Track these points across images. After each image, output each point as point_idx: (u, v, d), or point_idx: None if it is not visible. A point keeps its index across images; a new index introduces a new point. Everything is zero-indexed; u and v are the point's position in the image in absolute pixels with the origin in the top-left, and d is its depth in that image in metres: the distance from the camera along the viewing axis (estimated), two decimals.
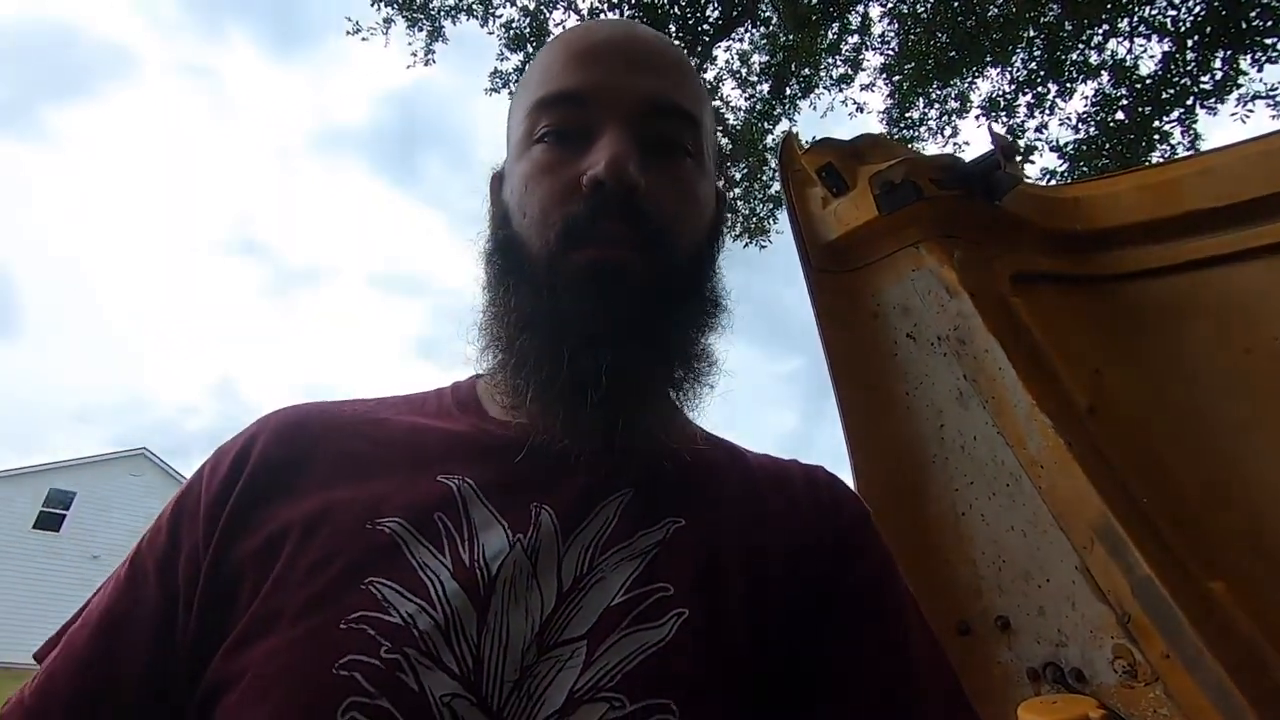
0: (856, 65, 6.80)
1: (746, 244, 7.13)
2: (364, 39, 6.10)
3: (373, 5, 5.98)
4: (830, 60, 6.75)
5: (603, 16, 5.63)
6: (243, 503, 0.42)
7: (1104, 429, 0.76)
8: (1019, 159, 6.11)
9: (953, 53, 6.03)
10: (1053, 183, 4.80)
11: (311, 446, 0.45)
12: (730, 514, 0.45)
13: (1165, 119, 5.41)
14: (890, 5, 6.45)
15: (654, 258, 0.43)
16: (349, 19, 6.06)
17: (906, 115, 6.65)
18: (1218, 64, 5.06)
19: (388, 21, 6.12)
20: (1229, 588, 0.62)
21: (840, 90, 6.95)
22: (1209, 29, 4.90)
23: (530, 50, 6.14)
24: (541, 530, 0.40)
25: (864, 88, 6.87)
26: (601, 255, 0.42)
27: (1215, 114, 5.25)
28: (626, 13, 5.86)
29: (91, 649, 0.42)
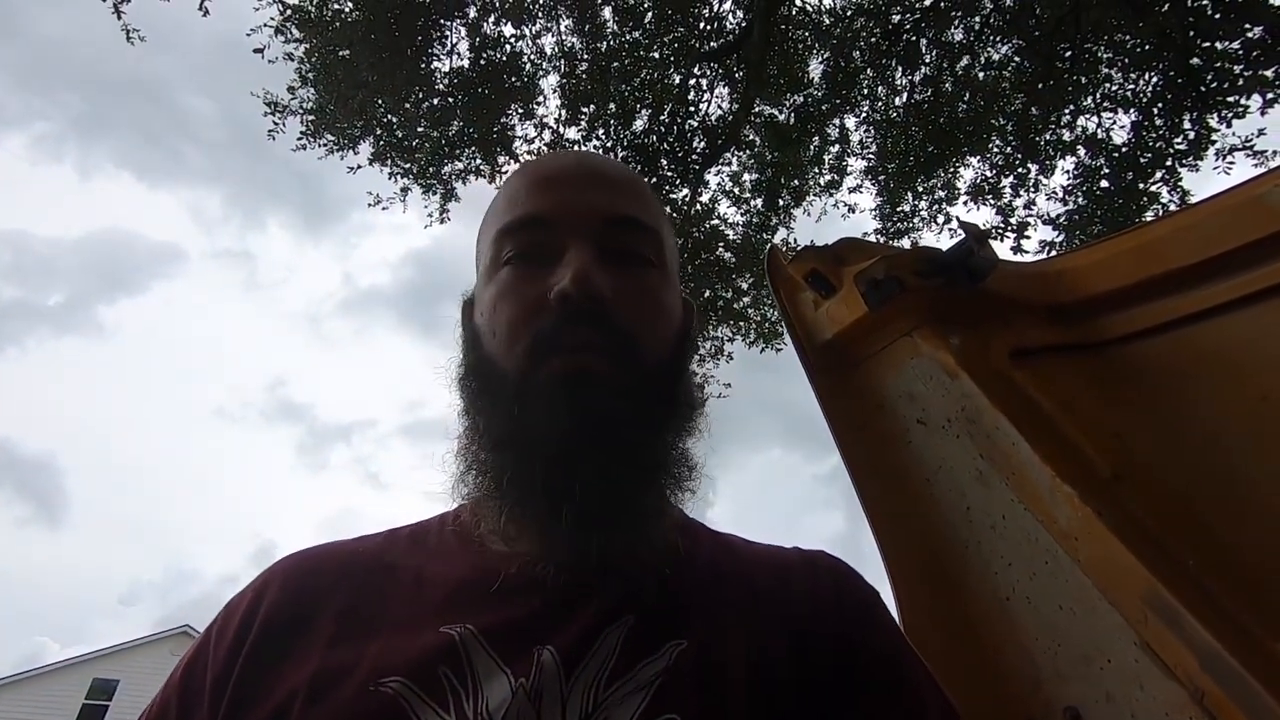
0: (842, 171, 7.19)
1: (763, 349, 7.23)
2: (384, 208, 6.62)
3: (390, 178, 6.54)
4: (816, 170, 7.14)
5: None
6: (249, 671, 0.42)
7: (1134, 493, 0.74)
8: (1017, 236, 6.23)
9: (931, 148, 6.36)
10: (1052, 254, 4.87)
11: (318, 601, 0.46)
12: (734, 622, 0.44)
13: (1150, 181, 5.56)
14: (864, 114, 6.89)
15: (623, 364, 0.44)
16: (370, 193, 6.61)
17: (898, 210, 6.93)
18: (1187, 125, 5.27)
19: (405, 190, 6.67)
20: None
21: (830, 195, 7.30)
22: (1170, 96, 5.15)
23: None
24: (544, 672, 0.39)
25: (852, 190, 7.21)
26: (570, 363, 0.44)
27: (1198, 170, 5.40)
28: (620, 154, 6.32)
29: None
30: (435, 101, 6.50)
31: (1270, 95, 5.04)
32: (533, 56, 6.74)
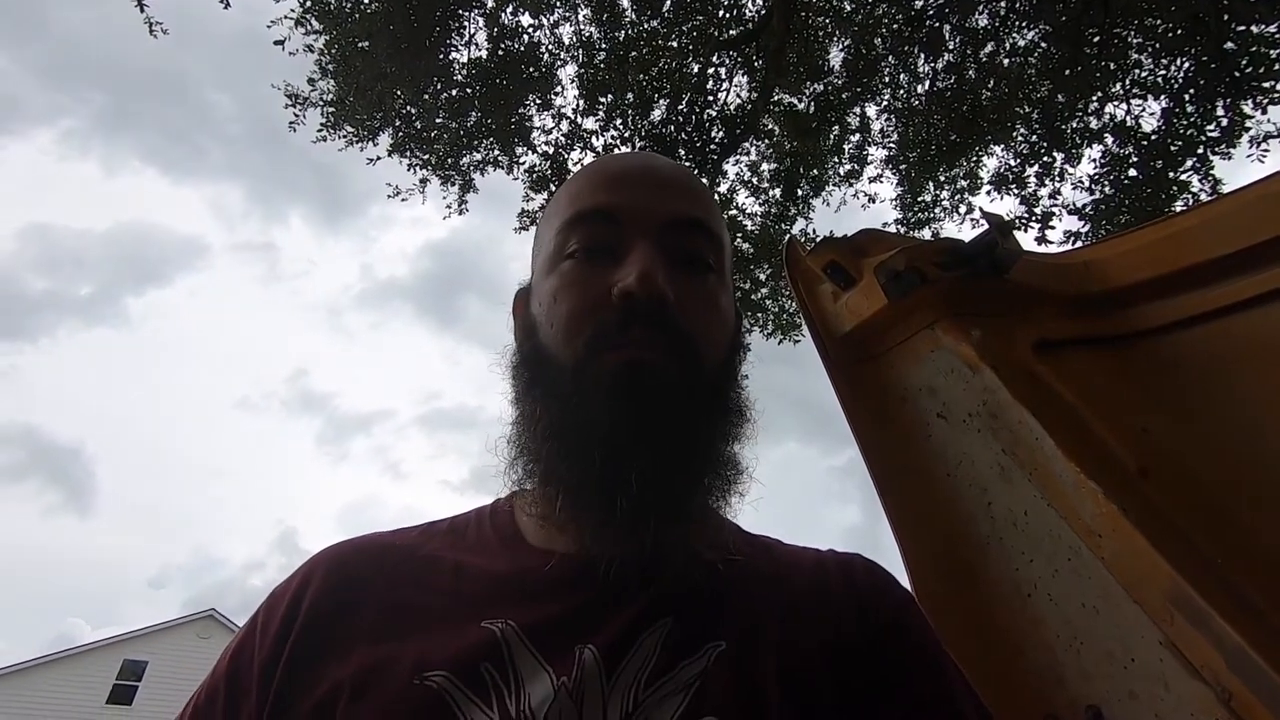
0: (862, 161, 7.10)
1: (781, 340, 7.19)
2: (403, 200, 6.66)
3: (409, 170, 6.58)
4: (835, 159, 7.06)
5: (617, 150, 6.06)
6: (295, 661, 0.43)
7: (1161, 490, 0.73)
8: (1042, 226, 6.12)
9: (953, 137, 6.26)
10: (1077, 244, 4.78)
11: (361, 592, 0.46)
12: (771, 626, 0.44)
13: (1180, 170, 5.42)
14: (885, 103, 6.80)
15: (684, 364, 0.44)
16: (389, 184, 6.66)
17: (919, 200, 6.83)
18: (1220, 112, 5.13)
19: (424, 182, 6.71)
20: None
21: (850, 185, 7.22)
22: (1202, 82, 5.01)
23: (552, 189, 6.60)
24: (585, 671, 0.40)
25: (872, 180, 7.12)
26: (634, 356, 0.44)
27: (1230, 159, 5.26)
28: (638, 144, 6.30)
29: None
30: (453, 92, 6.51)
31: None
32: (550, 46, 6.72)
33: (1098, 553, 0.67)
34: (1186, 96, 5.38)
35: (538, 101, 6.85)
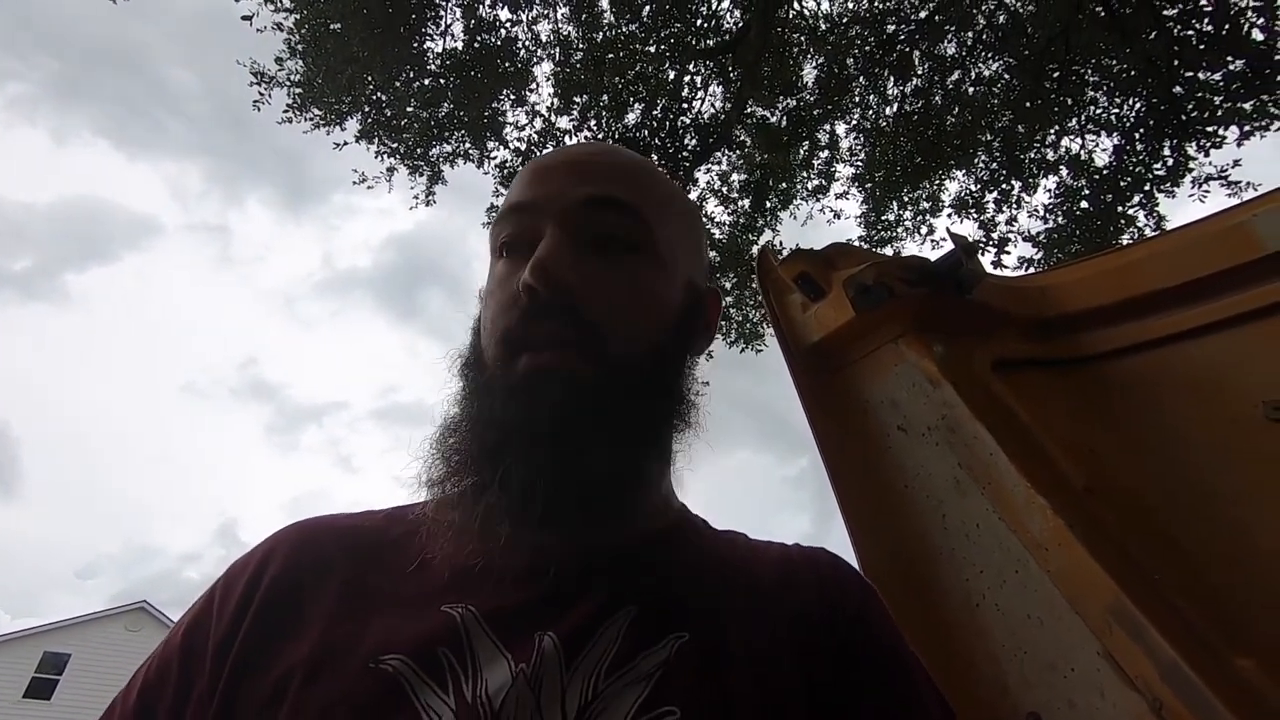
0: (830, 177, 7.24)
1: (743, 349, 7.27)
2: (369, 187, 6.53)
3: (376, 157, 6.45)
4: (804, 174, 7.18)
5: None
6: (252, 639, 0.42)
7: (1105, 507, 0.76)
8: (998, 250, 6.34)
9: (918, 159, 6.43)
10: (1030, 270, 4.96)
11: (323, 571, 0.45)
12: (736, 617, 0.45)
13: (1128, 205, 5.68)
14: (854, 122, 6.95)
15: (593, 355, 0.43)
16: (355, 170, 6.51)
17: (882, 219, 7.00)
18: (1167, 152, 5.39)
19: (391, 170, 6.58)
20: (1258, 664, 0.61)
21: (817, 200, 7.35)
22: (1151, 122, 5.26)
23: None
24: (544, 659, 0.39)
25: (839, 196, 7.26)
26: (535, 362, 0.43)
27: (1174, 197, 5.53)
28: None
29: None
30: (426, 82, 6.41)
31: (1247, 128, 5.17)
32: (528, 42, 6.68)
33: (1044, 566, 0.69)
34: (1137, 135, 5.65)
35: (512, 97, 6.79)
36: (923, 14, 6.21)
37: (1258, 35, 4.94)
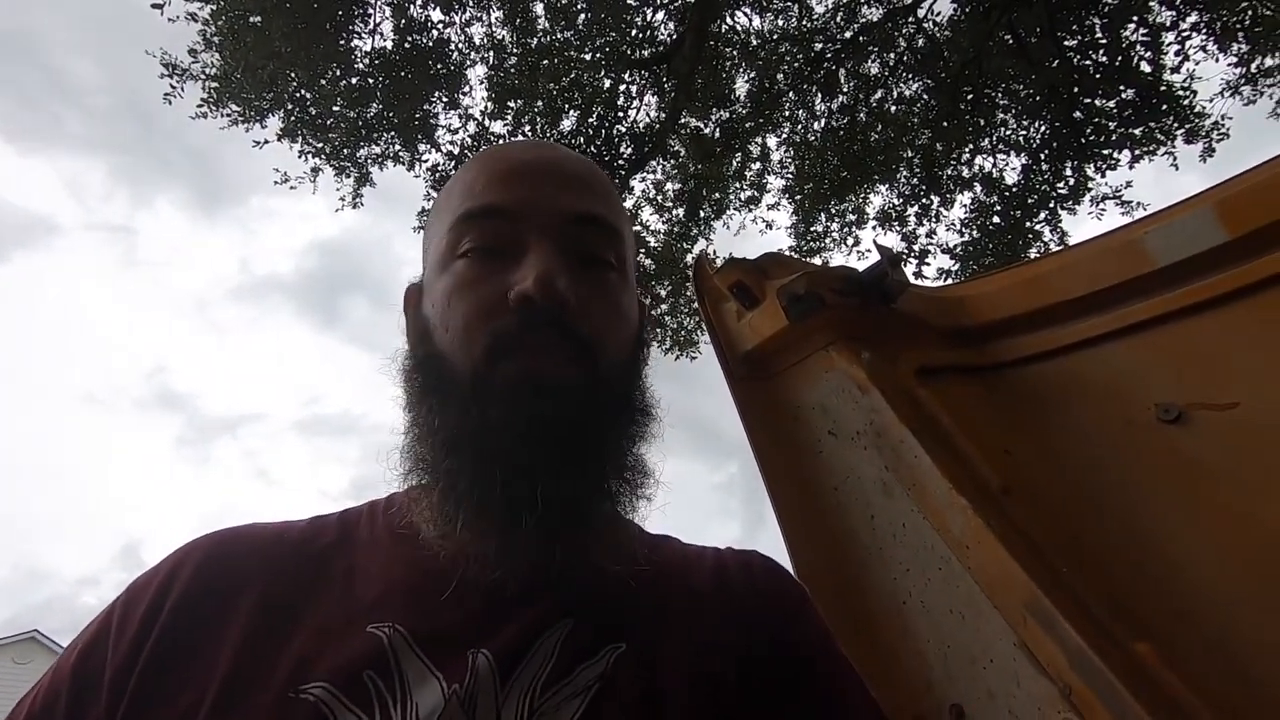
0: (761, 188, 7.42)
1: (677, 356, 7.34)
2: (292, 188, 6.26)
3: (300, 157, 6.19)
4: (737, 185, 7.34)
5: None
6: (153, 667, 0.38)
7: (1020, 507, 0.80)
8: (919, 262, 6.65)
9: (844, 173, 6.68)
10: (948, 281, 5.22)
11: (236, 587, 0.42)
12: (673, 626, 0.45)
13: (1034, 220, 6.07)
14: (785, 135, 7.16)
15: (584, 369, 0.43)
16: (276, 169, 6.23)
17: (812, 229, 7.22)
18: (1069, 172, 5.80)
19: (316, 171, 6.33)
20: (1154, 649, 0.65)
21: (749, 210, 7.52)
22: (1055, 144, 5.65)
23: None
24: (478, 677, 0.38)
25: (770, 207, 7.46)
26: (533, 366, 0.42)
27: (1075, 214, 5.95)
28: None
29: None
30: (354, 81, 6.21)
31: (1138, 151, 5.64)
32: (460, 45, 6.57)
33: (965, 563, 0.73)
34: (1042, 156, 6.07)
35: (444, 99, 6.66)
36: (848, 34, 6.47)
37: (1145, 68, 5.40)
